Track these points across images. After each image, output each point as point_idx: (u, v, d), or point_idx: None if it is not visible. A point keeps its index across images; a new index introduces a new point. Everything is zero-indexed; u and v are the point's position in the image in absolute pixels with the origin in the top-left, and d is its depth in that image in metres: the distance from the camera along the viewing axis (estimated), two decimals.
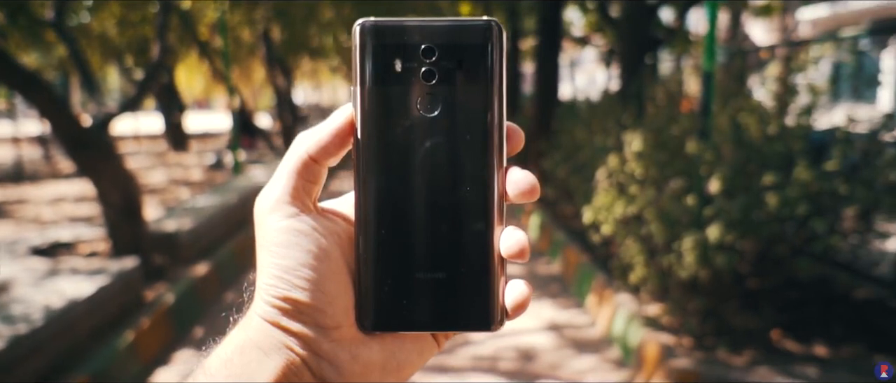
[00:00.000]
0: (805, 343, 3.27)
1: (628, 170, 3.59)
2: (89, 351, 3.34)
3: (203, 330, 4.14)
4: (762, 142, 3.45)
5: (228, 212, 6.16)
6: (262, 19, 10.07)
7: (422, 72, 0.41)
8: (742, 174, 3.23)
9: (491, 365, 3.53)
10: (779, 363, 3.06)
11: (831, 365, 3.05)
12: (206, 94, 25.34)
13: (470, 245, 0.42)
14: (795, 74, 3.86)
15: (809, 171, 3.07)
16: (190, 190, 8.22)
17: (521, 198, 0.42)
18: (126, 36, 8.47)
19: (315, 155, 0.42)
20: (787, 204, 3.04)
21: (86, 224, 6.13)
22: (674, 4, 7.07)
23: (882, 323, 3.47)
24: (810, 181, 3.07)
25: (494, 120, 0.42)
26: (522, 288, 0.42)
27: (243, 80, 17.03)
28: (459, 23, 0.41)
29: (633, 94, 5.77)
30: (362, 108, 0.41)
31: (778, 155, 3.33)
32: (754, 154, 3.35)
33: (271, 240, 0.41)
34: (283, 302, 0.40)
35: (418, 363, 0.44)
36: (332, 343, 0.41)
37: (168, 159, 12.15)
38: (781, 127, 3.52)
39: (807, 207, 3.07)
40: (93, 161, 4.48)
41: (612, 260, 4.15)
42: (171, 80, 12.52)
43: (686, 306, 3.40)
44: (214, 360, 0.41)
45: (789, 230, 3.28)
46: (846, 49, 4.98)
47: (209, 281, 4.74)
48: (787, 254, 3.29)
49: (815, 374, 2.96)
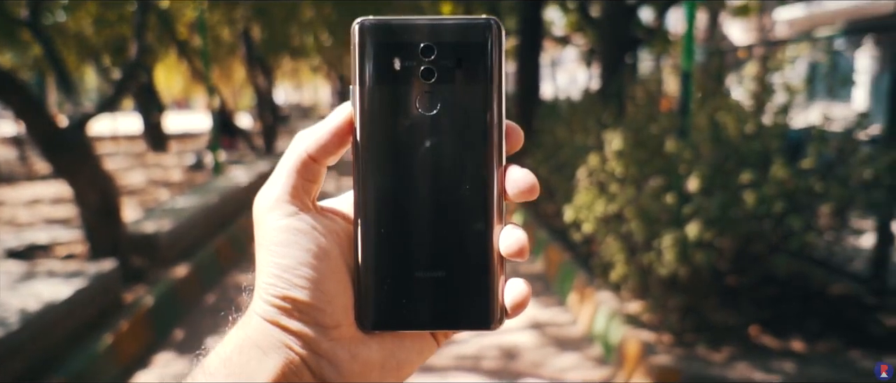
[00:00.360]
0: (782, 338, 3.32)
1: (609, 169, 3.62)
2: (67, 355, 3.29)
3: (183, 332, 4.10)
4: (740, 140, 3.50)
5: (209, 213, 6.11)
6: (242, 18, 10.00)
7: (421, 70, 0.41)
8: (720, 172, 3.27)
9: (474, 364, 3.53)
10: (757, 358, 3.11)
11: (808, 360, 3.10)
12: (185, 93, 25.09)
13: (469, 244, 0.42)
14: (772, 74, 3.92)
15: (786, 169, 3.12)
16: (169, 191, 8.14)
17: (520, 197, 0.42)
18: (103, 35, 8.36)
19: (314, 154, 0.41)
20: (765, 201, 3.09)
21: (62, 226, 6.05)
22: (653, 4, 7.13)
23: (857, 319, 3.53)
24: (787, 179, 3.11)
25: (494, 118, 0.41)
26: (522, 287, 0.43)
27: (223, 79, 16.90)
28: (459, 21, 0.41)
29: (614, 94, 5.82)
30: (361, 107, 0.41)
31: (755, 153, 3.38)
32: (732, 152, 3.40)
33: (270, 238, 0.41)
34: (283, 300, 0.40)
35: (418, 362, 0.44)
36: (332, 342, 0.41)
37: (147, 160, 12.01)
38: (759, 125, 3.58)
39: (783, 205, 3.12)
40: (69, 162, 4.42)
41: (593, 258, 4.18)
42: (149, 79, 12.37)
43: (666, 303, 3.43)
44: (213, 359, 0.41)
45: (766, 227, 3.33)
46: (821, 49, 5.06)
47: (189, 283, 4.69)
48: (765, 250, 3.34)
49: (793, 369, 3.01)
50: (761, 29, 14.84)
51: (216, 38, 11.66)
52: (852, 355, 3.15)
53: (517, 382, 3.38)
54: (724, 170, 3.28)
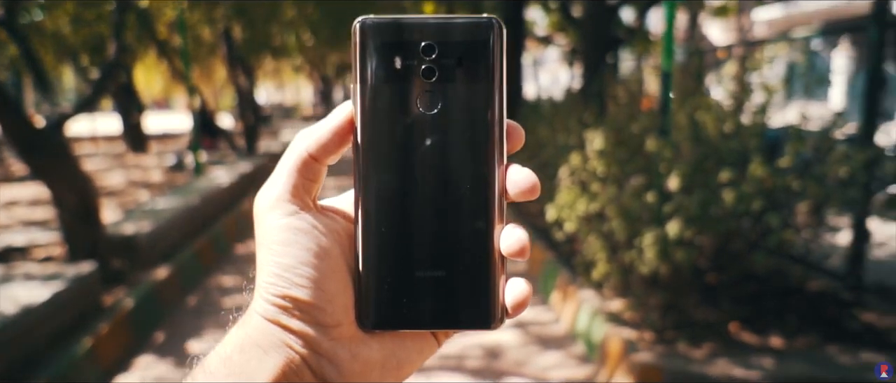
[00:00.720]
0: (761, 334, 3.36)
1: (590, 168, 3.64)
2: (46, 359, 3.25)
3: (164, 334, 4.07)
4: (719, 139, 3.54)
5: (190, 214, 6.05)
6: (223, 18, 9.92)
7: (422, 69, 0.41)
8: (700, 171, 3.31)
9: (457, 363, 3.54)
10: (737, 355, 3.15)
11: (787, 355, 3.14)
12: (165, 94, 24.84)
13: (470, 243, 0.42)
14: (751, 74, 3.98)
15: (764, 168, 3.16)
16: (149, 192, 8.05)
17: (521, 197, 0.42)
18: (81, 34, 8.24)
19: (315, 153, 0.42)
20: (743, 200, 3.13)
21: (40, 228, 5.96)
22: (634, 5, 7.19)
23: (834, 314, 3.59)
24: (765, 177, 3.16)
25: (495, 117, 0.41)
26: (523, 287, 0.42)
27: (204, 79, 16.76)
28: (460, 20, 0.41)
29: (595, 93, 5.85)
30: (362, 106, 0.41)
31: (734, 152, 3.42)
32: (711, 151, 3.44)
33: (271, 237, 0.41)
34: (283, 300, 0.40)
35: (418, 361, 0.44)
36: (332, 341, 0.41)
37: (127, 161, 11.87)
38: (737, 125, 3.62)
39: (762, 203, 3.16)
40: (47, 163, 4.36)
41: (575, 257, 4.20)
42: (129, 79, 12.23)
43: (647, 301, 3.46)
44: (214, 358, 0.41)
45: (745, 225, 3.37)
46: (799, 49, 5.13)
47: (170, 285, 4.65)
48: (744, 248, 3.39)
49: (772, 365, 3.05)
50: (740, 29, 15.02)
51: (196, 38, 11.55)
52: (830, 350, 3.20)
53: (500, 381, 3.39)
54: (704, 169, 3.32)
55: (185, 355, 3.80)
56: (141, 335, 3.97)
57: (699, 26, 14.89)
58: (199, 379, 0.40)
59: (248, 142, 11.56)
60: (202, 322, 4.23)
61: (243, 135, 11.99)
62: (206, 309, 4.46)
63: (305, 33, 11.27)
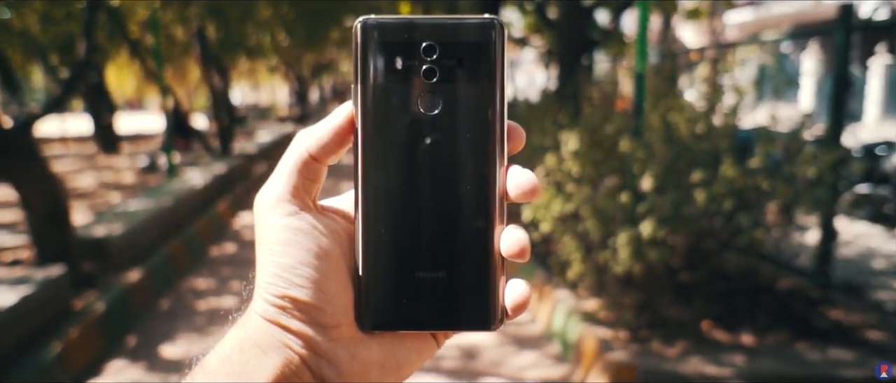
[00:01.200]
0: (733, 332, 3.42)
1: (565, 169, 3.67)
2: (14, 365, 3.18)
3: (136, 339, 4.01)
4: (691, 140, 3.59)
5: (163, 216, 5.97)
6: (196, 17, 9.79)
7: (423, 70, 0.41)
8: (672, 171, 3.35)
9: (434, 364, 3.54)
10: (709, 352, 3.19)
11: (757, 353, 3.20)
12: (138, 94, 24.43)
13: (470, 244, 0.42)
14: (722, 76, 4.04)
15: (735, 168, 3.22)
16: (121, 193, 7.92)
17: (522, 198, 0.42)
18: (50, 33, 8.07)
19: (315, 153, 0.41)
20: (715, 199, 3.18)
21: (7, 231, 5.83)
22: (609, 7, 7.26)
23: (803, 312, 3.66)
24: (736, 178, 3.21)
25: (495, 118, 0.41)
26: (523, 288, 0.43)
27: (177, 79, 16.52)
28: (461, 21, 0.41)
29: (570, 95, 5.89)
30: (363, 106, 0.41)
31: (706, 153, 3.47)
32: (684, 152, 3.49)
33: (271, 238, 0.41)
34: (283, 300, 0.40)
35: (418, 362, 0.44)
36: (332, 342, 0.41)
37: (98, 162, 11.67)
38: (709, 126, 3.68)
39: (733, 203, 3.22)
40: (14, 164, 4.27)
41: (550, 257, 4.23)
42: (100, 79, 12.02)
43: (621, 300, 3.50)
44: (213, 358, 0.40)
45: (717, 225, 3.42)
46: (769, 52, 5.23)
47: (142, 288, 4.58)
48: (716, 247, 3.44)
49: (743, 362, 3.10)
50: (712, 32, 15.24)
51: (169, 37, 11.39)
52: (799, 347, 3.26)
53: (477, 382, 3.40)
54: (677, 170, 3.37)
55: (157, 359, 3.74)
56: (112, 339, 3.91)
57: (672, 29, 15.08)
58: (199, 379, 0.39)
59: (222, 144, 11.43)
60: (175, 325, 4.17)
61: (218, 136, 11.85)
62: (179, 313, 4.40)
63: (281, 33, 11.17)
